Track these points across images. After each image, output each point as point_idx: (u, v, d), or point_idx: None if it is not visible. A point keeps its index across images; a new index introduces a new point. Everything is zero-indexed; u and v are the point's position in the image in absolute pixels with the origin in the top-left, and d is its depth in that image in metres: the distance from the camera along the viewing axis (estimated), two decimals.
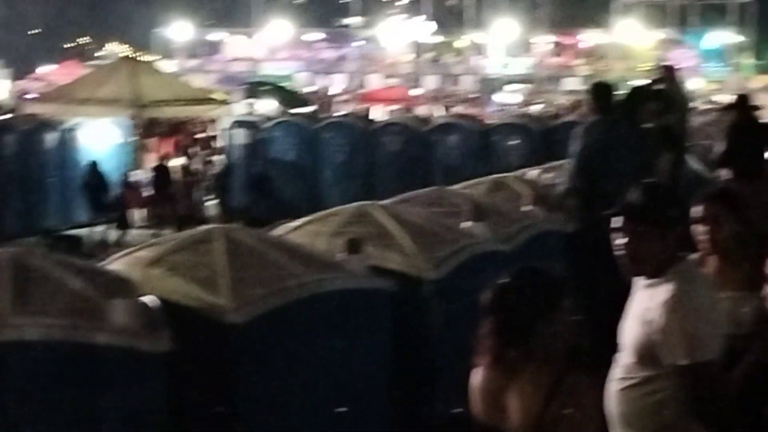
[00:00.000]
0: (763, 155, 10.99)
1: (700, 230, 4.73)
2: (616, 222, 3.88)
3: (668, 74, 11.97)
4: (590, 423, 3.24)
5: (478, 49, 66.41)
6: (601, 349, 4.04)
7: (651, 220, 3.82)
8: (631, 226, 3.84)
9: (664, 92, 11.65)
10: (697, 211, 4.73)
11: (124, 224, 18.32)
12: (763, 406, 4.14)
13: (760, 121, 12.14)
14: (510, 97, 55.46)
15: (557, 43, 67.46)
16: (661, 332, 3.72)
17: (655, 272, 3.84)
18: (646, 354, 3.80)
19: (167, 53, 63.51)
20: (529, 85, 61.68)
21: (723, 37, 61.09)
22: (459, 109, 42.65)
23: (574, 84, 61.14)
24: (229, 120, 21.57)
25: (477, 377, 3.38)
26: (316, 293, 5.39)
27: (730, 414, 3.75)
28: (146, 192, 19.80)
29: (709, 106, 34.72)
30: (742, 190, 5.36)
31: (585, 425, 3.21)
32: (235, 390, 5.03)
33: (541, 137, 18.74)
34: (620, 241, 3.86)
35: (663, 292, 3.76)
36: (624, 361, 3.92)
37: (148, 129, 23.63)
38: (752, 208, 5.15)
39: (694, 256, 4.81)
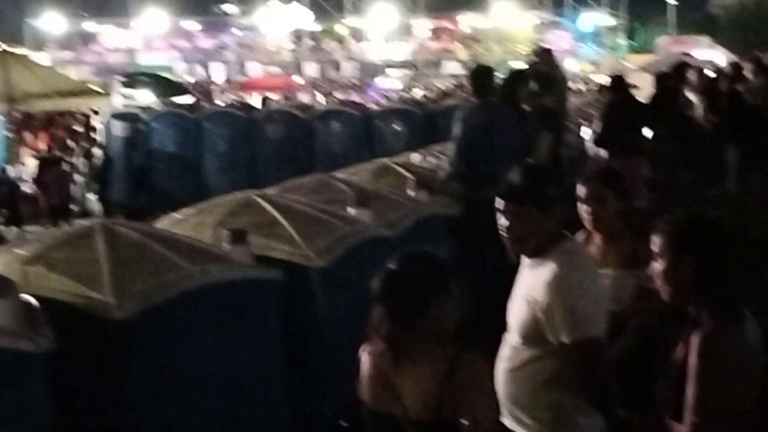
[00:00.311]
0: (639, 133, 11.26)
1: (584, 209, 4.82)
2: (499, 203, 3.91)
3: (545, 56, 12.14)
4: (489, 402, 3.27)
5: (357, 35, 66.45)
6: (490, 330, 4.08)
7: (531, 201, 3.86)
8: (512, 207, 3.88)
9: (542, 74, 11.81)
10: (581, 190, 4.81)
11: (15, 220, 17.88)
12: (641, 380, 4.23)
13: (635, 100, 12.43)
14: (391, 82, 55.70)
15: (436, 28, 67.91)
16: (545, 311, 3.76)
17: (538, 252, 3.88)
18: (532, 333, 3.84)
19: (40, 45, 62.09)
20: (409, 71, 62.00)
21: (597, 18, 62.33)
22: (341, 95, 42.68)
23: (455, 68, 61.68)
24: (108, 112, 21.17)
25: (367, 364, 3.38)
26: (202, 285, 5.32)
27: (611, 390, 3.81)
28: (25, 187, 19.36)
29: (585, 87, 35.39)
30: (621, 168, 5.46)
31: (483, 405, 3.24)
32: (122, 387, 4.94)
33: (423, 122, 18.80)
34: (502, 221, 3.89)
35: (546, 271, 3.80)
36: (511, 340, 3.96)
37: (23, 123, 23.11)
38: (631, 185, 5.27)
39: (579, 234, 4.90)
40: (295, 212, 6.73)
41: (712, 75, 17.05)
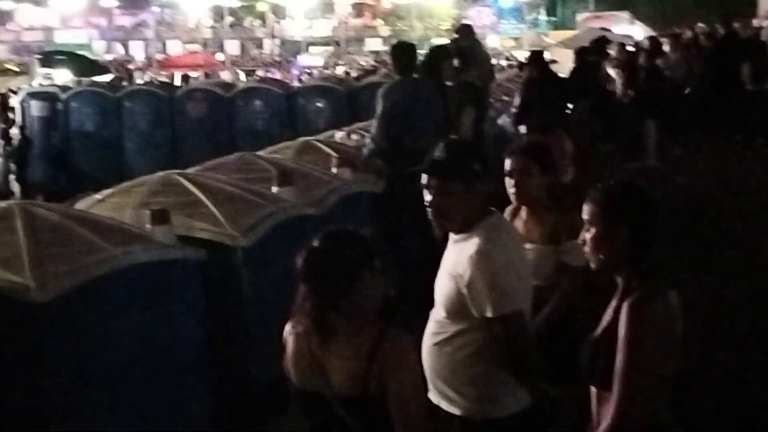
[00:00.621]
0: (559, 107, 11.38)
1: (510, 183, 4.85)
2: (424, 179, 3.91)
3: (466, 32, 12.18)
4: (414, 377, 3.28)
5: (279, 12, 66.05)
6: (416, 306, 4.09)
7: (456, 176, 3.86)
8: (437, 182, 3.88)
9: (463, 50, 11.86)
10: (507, 164, 4.84)
11: None
12: (564, 353, 4.28)
13: (554, 75, 12.54)
14: (313, 59, 55.51)
15: (358, 4, 67.76)
16: (468, 285, 3.77)
17: (463, 227, 3.89)
18: (457, 308, 3.85)
19: None
20: (331, 47, 61.82)
21: None
22: (263, 73, 42.43)
23: (377, 45, 61.62)
24: (25, 91, 20.81)
25: (292, 342, 3.37)
26: (123, 267, 5.26)
27: (535, 363, 3.85)
28: None
29: (507, 63, 35.60)
30: (544, 142, 5.50)
31: (408, 380, 3.24)
32: (42, 370, 4.87)
33: (346, 99, 18.78)
34: (428, 197, 3.90)
35: (470, 245, 3.81)
36: (437, 316, 3.97)
37: None
38: (556, 159, 5.31)
39: (507, 209, 4.94)
40: (218, 191, 6.68)
41: (632, 50, 17.25)
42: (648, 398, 3.23)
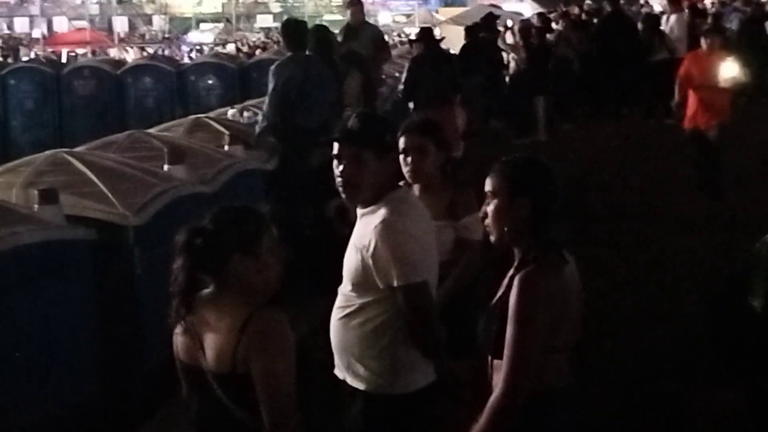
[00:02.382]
0: (450, 84, 11.46)
1: (405, 160, 4.86)
2: (335, 148, 3.89)
3: (354, 8, 12.22)
4: (284, 358, 3.25)
5: None
6: (312, 283, 4.09)
7: (368, 144, 3.87)
8: (350, 151, 3.87)
9: (350, 27, 11.90)
10: (402, 141, 4.85)
11: None
12: (463, 325, 4.33)
13: (443, 51, 12.62)
14: (204, 36, 54.96)
15: None
16: (373, 257, 3.79)
17: (372, 199, 3.90)
18: (362, 280, 3.86)
19: None
20: (222, 24, 61.25)
21: None
22: (152, 50, 41.87)
23: (268, 22, 61.24)
24: None
25: (173, 318, 3.34)
26: (11, 247, 5.16)
27: (438, 335, 3.88)
28: None
29: (398, 39, 35.71)
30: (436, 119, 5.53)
31: (278, 357, 3.22)
32: None
33: (238, 76, 18.66)
34: (339, 167, 3.88)
35: (376, 218, 3.82)
36: (343, 289, 3.98)
37: None
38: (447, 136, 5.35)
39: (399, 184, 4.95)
40: (108, 170, 6.58)
41: (522, 27, 17.45)
42: (534, 368, 3.29)
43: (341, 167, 3.87)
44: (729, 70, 11.18)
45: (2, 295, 5.08)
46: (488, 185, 3.44)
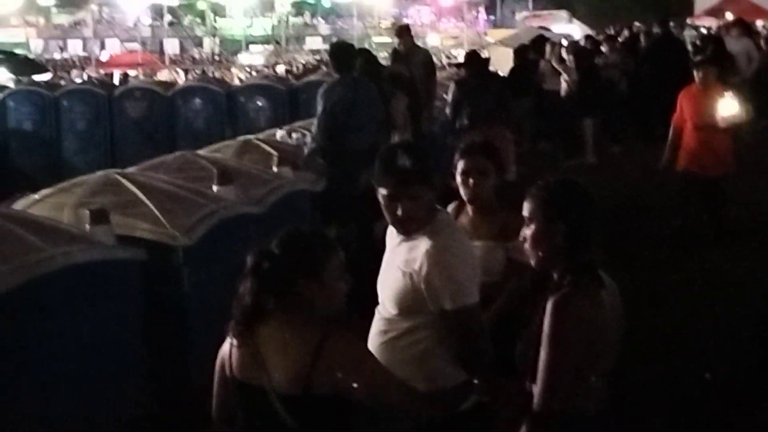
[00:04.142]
0: (499, 106, 11.47)
1: (464, 181, 4.89)
2: (391, 189, 3.90)
3: (402, 32, 12.30)
4: (378, 368, 3.32)
5: (218, 10, 65.72)
6: (359, 305, 4.11)
7: (423, 180, 3.90)
8: (410, 191, 3.89)
9: (398, 50, 11.98)
10: (461, 163, 4.88)
11: None
12: (506, 347, 4.33)
13: (492, 73, 12.64)
14: (253, 58, 55.34)
15: (298, 3, 67.59)
16: (425, 281, 3.81)
17: (419, 227, 3.94)
18: (410, 304, 3.88)
19: None
20: (271, 46, 61.64)
21: None
22: (203, 71, 42.22)
23: (317, 44, 61.51)
24: None
25: (233, 337, 3.37)
26: (63, 267, 5.22)
27: (488, 356, 3.89)
28: None
29: (447, 61, 35.78)
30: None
31: (376, 372, 3.29)
32: None
33: (287, 97, 18.75)
34: (398, 207, 3.89)
35: (424, 242, 3.85)
36: (385, 314, 3.99)
37: None
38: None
39: (450, 206, 4.97)
40: (158, 191, 6.65)
41: (571, 49, 17.41)
42: (567, 393, 3.28)
43: (401, 206, 3.89)
44: (728, 107, 9.75)
45: (53, 314, 5.14)
46: (525, 209, 3.46)
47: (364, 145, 8.20)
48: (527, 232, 3.45)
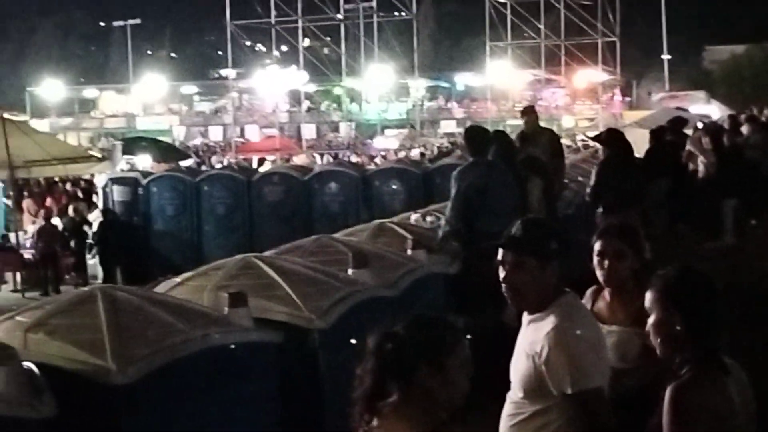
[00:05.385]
0: (633, 189, 11.32)
1: (601, 264, 4.82)
2: (499, 254, 3.93)
3: (529, 114, 12.31)
4: None
5: (354, 95, 66.81)
6: (492, 389, 4.08)
7: (530, 250, 3.89)
8: (512, 258, 3.90)
9: (527, 132, 11.98)
10: (598, 245, 4.82)
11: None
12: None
13: (631, 154, 12.50)
14: (388, 141, 55.98)
15: (433, 87, 68.26)
16: (546, 363, 3.77)
17: (539, 306, 3.90)
18: (534, 387, 3.85)
19: (40, 112, 62.62)
20: (406, 130, 62.30)
21: (592, 75, 62.59)
22: (338, 155, 42.87)
23: (451, 127, 61.93)
24: (107, 176, 21.25)
25: (360, 423, 3.36)
26: (202, 349, 5.33)
27: None
28: (27, 254, 19.40)
29: (582, 143, 35.57)
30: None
31: None
32: None
33: (421, 181, 18.86)
34: (502, 272, 3.91)
35: (547, 324, 3.82)
36: (513, 396, 3.96)
37: (23, 190, 23.19)
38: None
39: (588, 290, 4.90)
40: (294, 274, 6.74)
41: (710, 129, 17.15)
42: None
43: (504, 273, 3.89)
44: None
45: (193, 395, 5.23)
46: (646, 299, 3.45)
47: (498, 229, 8.16)
48: (649, 321, 3.44)
